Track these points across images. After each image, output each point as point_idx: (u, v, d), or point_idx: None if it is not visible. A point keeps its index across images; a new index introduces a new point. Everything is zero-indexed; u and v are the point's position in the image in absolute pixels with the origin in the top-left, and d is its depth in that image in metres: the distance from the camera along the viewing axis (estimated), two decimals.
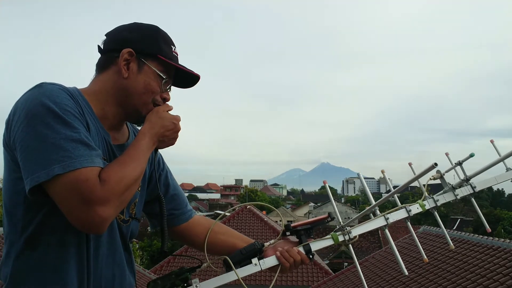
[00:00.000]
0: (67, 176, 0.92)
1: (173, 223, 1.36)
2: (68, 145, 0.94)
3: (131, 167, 1.03)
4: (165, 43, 1.18)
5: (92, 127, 1.07)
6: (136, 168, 1.04)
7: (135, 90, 1.14)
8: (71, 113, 0.99)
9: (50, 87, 1.01)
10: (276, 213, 37.21)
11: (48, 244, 1.03)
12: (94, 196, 0.93)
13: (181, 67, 1.19)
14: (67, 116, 0.97)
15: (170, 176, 1.39)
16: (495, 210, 35.98)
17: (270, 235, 15.20)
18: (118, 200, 0.98)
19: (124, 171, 1.00)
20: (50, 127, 0.95)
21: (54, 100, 0.98)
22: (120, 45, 1.14)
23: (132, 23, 1.20)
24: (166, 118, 1.16)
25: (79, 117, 1.01)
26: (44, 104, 0.96)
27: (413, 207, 1.36)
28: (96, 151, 1.00)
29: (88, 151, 0.97)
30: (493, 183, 1.43)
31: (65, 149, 0.94)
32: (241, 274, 1.24)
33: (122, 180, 0.99)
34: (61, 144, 0.94)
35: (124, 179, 0.99)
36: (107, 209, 0.95)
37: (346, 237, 1.31)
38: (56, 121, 0.95)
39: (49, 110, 0.96)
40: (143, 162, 1.08)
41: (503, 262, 7.11)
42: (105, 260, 1.12)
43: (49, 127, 0.94)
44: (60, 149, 0.93)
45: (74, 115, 0.99)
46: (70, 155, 0.94)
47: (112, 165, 1.02)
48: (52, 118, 0.95)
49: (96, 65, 1.19)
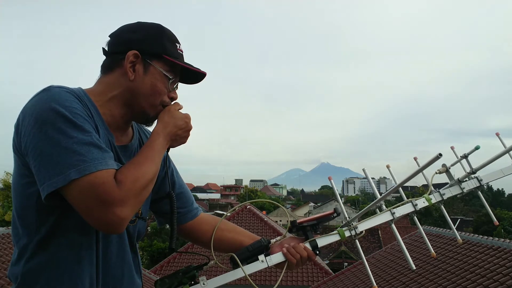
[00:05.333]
0: (83, 180, 0.93)
1: (179, 221, 1.36)
2: (81, 149, 0.95)
3: (146, 167, 1.04)
4: (170, 42, 1.17)
5: (99, 128, 1.07)
6: (151, 168, 1.05)
7: (142, 92, 1.14)
8: (81, 116, 1.00)
9: (57, 91, 1.01)
10: (276, 213, 37.23)
11: (60, 245, 1.03)
12: (111, 198, 0.94)
13: (187, 65, 1.18)
14: (78, 120, 0.98)
15: (176, 174, 1.39)
16: (495, 210, 35.96)
17: (270, 235, 15.20)
18: (136, 200, 1.00)
19: (139, 171, 1.02)
20: (62, 131, 0.95)
21: (63, 104, 0.98)
22: (125, 47, 1.13)
23: (135, 22, 1.19)
24: (178, 117, 1.17)
25: (88, 119, 1.02)
26: (54, 108, 0.96)
27: (419, 201, 1.35)
28: (109, 153, 1.01)
29: (101, 154, 0.98)
30: (500, 176, 1.42)
31: (79, 153, 0.94)
32: (248, 271, 1.24)
33: (138, 180, 1.00)
34: (74, 148, 0.94)
35: (140, 179, 1.01)
36: (125, 209, 0.96)
37: (353, 232, 1.31)
38: (67, 125, 0.96)
39: (59, 114, 0.96)
40: (158, 162, 1.09)
41: (503, 262, 7.11)
42: (114, 260, 1.13)
43: (60, 132, 0.95)
44: (74, 153, 0.94)
45: (84, 118, 1.00)
46: (84, 158, 0.94)
47: (128, 166, 1.03)
48: (63, 123, 0.96)
49: (101, 66, 1.18)
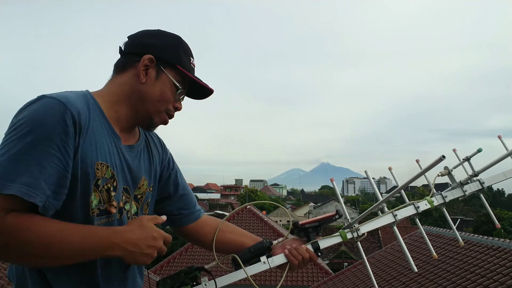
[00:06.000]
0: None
1: (182, 223, 1.37)
2: (7, 164, 0.90)
3: (61, 244, 0.93)
4: (185, 54, 1.19)
5: (99, 129, 1.07)
6: (64, 248, 0.93)
7: (150, 97, 1.15)
8: (52, 140, 0.94)
9: (47, 103, 0.97)
10: (276, 213, 37.25)
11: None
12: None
13: (197, 80, 1.20)
14: (48, 141, 0.93)
15: (180, 176, 1.39)
16: (495, 210, 35.97)
17: (270, 235, 15.21)
18: (14, 259, 0.95)
19: (55, 237, 0.92)
20: (20, 142, 0.92)
21: (43, 120, 0.94)
22: (142, 50, 1.15)
23: (156, 29, 1.21)
24: (148, 229, 1.03)
25: (61, 141, 0.95)
26: (29, 121, 0.93)
27: (421, 204, 1.36)
28: (62, 189, 0.96)
29: (35, 182, 0.90)
30: (502, 179, 1.43)
31: (2, 166, 0.89)
32: (250, 272, 1.25)
33: (34, 245, 0.90)
34: (16, 159, 0.90)
35: (46, 244, 0.91)
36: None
37: (355, 234, 1.32)
38: (31, 142, 0.92)
39: (31, 129, 0.93)
40: (78, 248, 0.95)
41: (503, 262, 7.11)
42: (115, 261, 1.12)
43: (18, 142, 0.92)
44: (13, 164, 0.90)
45: (55, 143, 0.94)
46: (4, 175, 0.88)
47: (53, 223, 0.94)
48: (26, 136, 0.92)
49: (114, 65, 1.19)
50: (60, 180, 0.95)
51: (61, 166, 0.95)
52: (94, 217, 1.05)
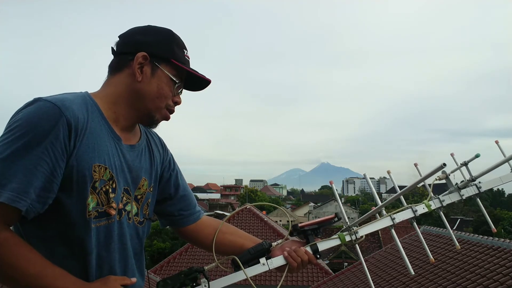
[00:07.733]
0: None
1: (182, 224, 1.38)
2: (8, 169, 0.92)
3: (25, 274, 0.94)
4: (178, 47, 1.19)
5: (98, 130, 1.07)
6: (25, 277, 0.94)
7: (148, 94, 1.15)
8: (43, 144, 0.95)
9: (42, 106, 0.98)
10: (276, 213, 37.24)
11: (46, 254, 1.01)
12: None
13: (193, 71, 1.20)
14: (38, 145, 0.95)
15: (180, 177, 1.40)
16: (495, 210, 35.98)
17: (270, 235, 15.21)
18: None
19: (19, 263, 0.93)
20: (11, 146, 0.93)
21: (35, 124, 0.95)
22: (134, 48, 1.14)
23: (146, 26, 1.20)
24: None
25: (50, 149, 0.96)
26: (22, 124, 0.95)
27: (419, 207, 1.37)
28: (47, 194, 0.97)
29: (22, 187, 0.93)
30: (498, 184, 1.44)
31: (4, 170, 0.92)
32: (249, 274, 1.26)
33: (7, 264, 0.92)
34: (6, 165, 0.92)
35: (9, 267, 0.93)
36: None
37: (353, 237, 1.33)
38: (22, 146, 0.94)
39: (23, 133, 0.94)
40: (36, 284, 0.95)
41: (503, 262, 7.12)
42: (117, 265, 1.13)
43: (10, 146, 0.93)
44: (2, 169, 0.92)
45: (45, 147, 0.96)
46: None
47: (24, 248, 0.96)
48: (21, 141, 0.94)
49: (109, 66, 1.19)
50: (47, 184, 0.97)
51: (49, 171, 0.97)
52: (91, 220, 1.05)
